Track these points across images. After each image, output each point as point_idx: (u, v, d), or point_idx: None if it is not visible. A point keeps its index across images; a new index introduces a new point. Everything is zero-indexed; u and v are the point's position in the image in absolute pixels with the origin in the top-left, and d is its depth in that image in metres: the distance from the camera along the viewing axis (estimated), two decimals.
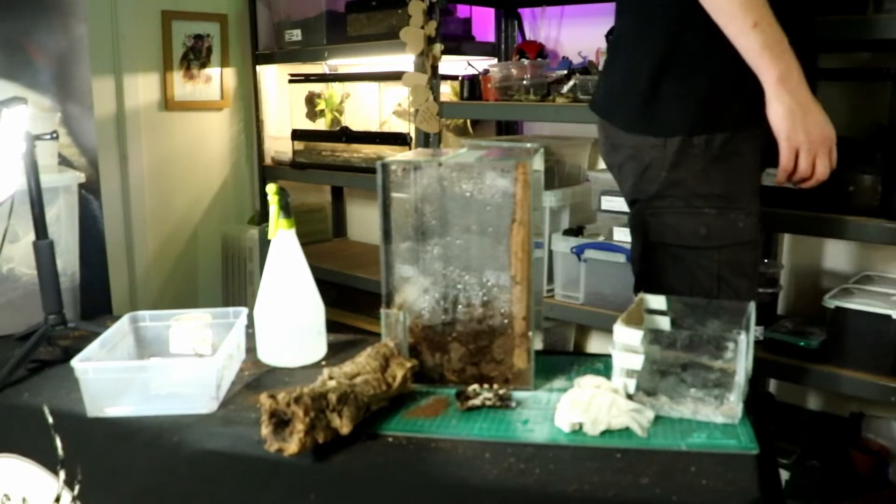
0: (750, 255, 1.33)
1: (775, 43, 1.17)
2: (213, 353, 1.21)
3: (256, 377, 1.25)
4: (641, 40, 1.32)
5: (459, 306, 1.17)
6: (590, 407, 1.02)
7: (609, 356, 1.08)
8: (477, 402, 1.10)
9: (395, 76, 2.55)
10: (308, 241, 2.03)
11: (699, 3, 1.20)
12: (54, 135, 1.50)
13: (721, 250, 1.31)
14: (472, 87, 2.46)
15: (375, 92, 2.94)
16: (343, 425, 0.97)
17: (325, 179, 3.04)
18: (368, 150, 2.82)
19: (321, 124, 3.11)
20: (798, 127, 1.20)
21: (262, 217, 3.16)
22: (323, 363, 1.30)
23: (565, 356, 1.29)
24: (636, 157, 1.35)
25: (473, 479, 0.93)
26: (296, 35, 2.93)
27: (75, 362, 1.11)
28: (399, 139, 2.67)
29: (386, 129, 2.91)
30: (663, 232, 1.35)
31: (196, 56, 2.98)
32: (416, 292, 1.18)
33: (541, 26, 2.60)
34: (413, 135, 2.57)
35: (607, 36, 2.23)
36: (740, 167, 1.31)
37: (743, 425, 1.01)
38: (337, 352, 1.34)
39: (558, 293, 2.24)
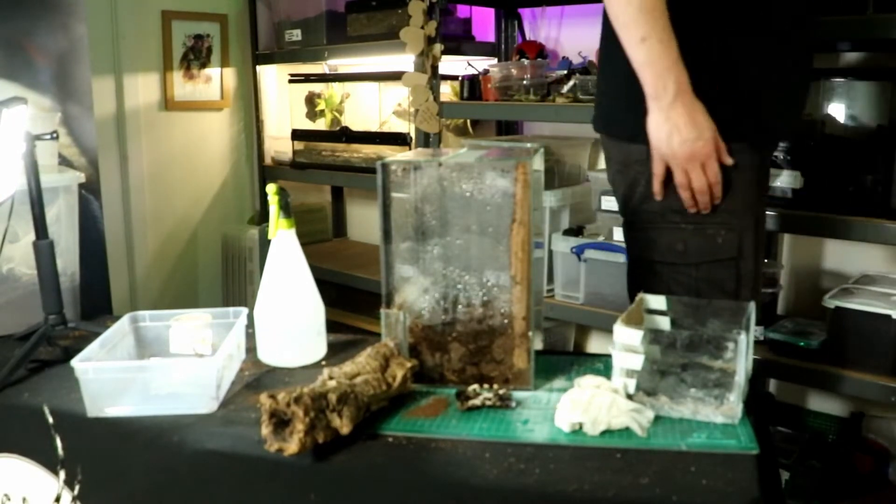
0: (729, 271, 1.32)
1: (658, 60, 1.19)
2: (213, 353, 1.21)
3: (256, 377, 1.25)
4: (619, 49, 1.28)
5: (459, 306, 1.17)
6: (590, 407, 1.02)
7: (609, 356, 1.08)
8: (477, 402, 1.10)
9: (395, 76, 2.55)
10: (308, 241, 2.03)
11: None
12: (54, 135, 1.50)
13: (699, 267, 1.31)
14: (472, 87, 2.46)
15: (375, 92, 2.94)
16: (343, 425, 0.97)
17: (325, 179, 3.04)
18: (368, 150, 2.82)
19: (321, 124, 3.11)
20: (663, 143, 1.23)
21: (262, 217, 3.16)
22: (323, 363, 1.30)
23: (565, 356, 1.29)
24: (623, 171, 1.37)
25: (473, 479, 0.93)
26: (296, 35, 2.93)
27: (75, 362, 1.11)
28: (399, 139, 2.67)
29: (386, 129, 2.91)
30: (644, 246, 1.36)
31: (196, 56, 2.98)
32: (416, 292, 1.18)
33: (541, 26, 2.60)
34: (413, 135, 2.57)
35: None
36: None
37: (743, 425, 1.01)
38: (337, 352, 1.34)
39: (558, 293, 2.24)
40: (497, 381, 1.16)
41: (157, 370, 1.17)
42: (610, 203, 2.09)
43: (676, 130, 1.21)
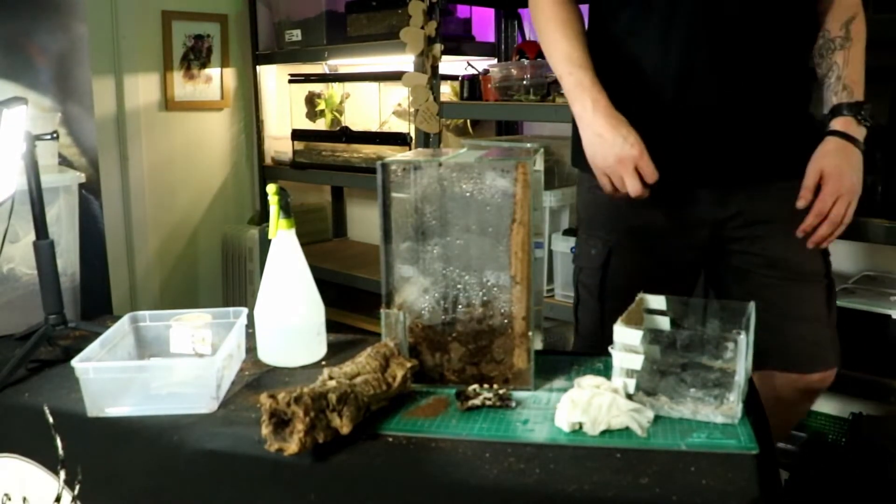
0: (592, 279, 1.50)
1: (575, 87, 1.35)
2: (213, 353, 1.21)
3: (256, 377, 1.25)
4: None
5: (459, 306, 1.17)
6: (590, 407, 1.02)
7: (609, 356, 1.08)
8: (477, 402, 1.10)
9: (395, 76, 2.55)
10: (308, 241, 2.03)
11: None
12: (55, 135, 1.50)
13: (581, 270, 1.55)
14: (472, 87, 2.46)
15: (375, 92, 2.94)
16: (343, 425, 0.97)
17: (325, 179, 3.04)
18: (368, 150, 2.82)
19: (321, 124, 3.11)
20: (596, 153, 1.33)
21: (262, 217, 3.16)
22: (323, 363, 1.30)
23: (565, 356, 1.29)
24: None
25: (473, 479, 0.93)
26: (296, 35, 2.93)
27: (76, 362, 1.11)
28: (399, 139, 2.68)
29: (386, 129, 2.92)
30: None
31: (196, 56, 2.98)
32: (416, 292, 1.18)
33: None
34: (413, 135, 2.57)
35: None
36: (593, 200, 1.50)
37: (743, 425, 1.01)
38: (337, 352, 1.34)
39: (558, 293, 2.24)
40: (497, 381, 1.16)
41: (157, 370, 1.17)
42: None
43: (600, 139, 1.31)
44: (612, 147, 1.30)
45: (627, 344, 1.05)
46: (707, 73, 1.34)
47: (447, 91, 2.64)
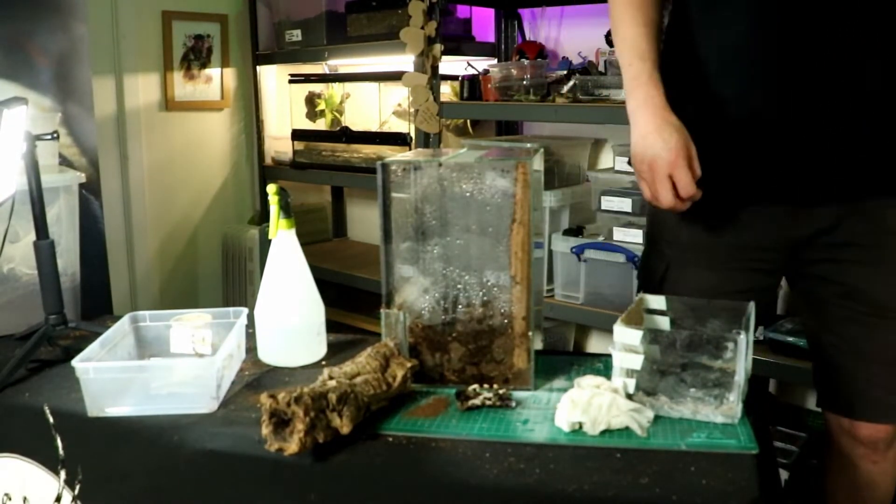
0: None
1: (632, 80, 1.22)
2: (213, 353, 1.21)
3: (256, 377, 1.25)
4: None
5: (459, 306, 1.17)
6: (590, 407, 1.02)
7: (609, 356, 1.08)
8: (477, 402, 1.10)
9: (395, 76, 2.55)
10: (308, 241, 2.03)
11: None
12: (55, 135, 1.50)
13: (640, 288, 1.38)
14: (472, 87, 2.46)
15: (375, 92, 2.94)
16: (343, 425, 0.97)
17: (325, 179, 3.04)
18: (368, 150, 2.82)
19: (321, 124, 3.11)
20: (635, 155, 1.22)
21: (262, 217, 3.16)
22: (323, 363, 1.30)
23: (565, 356, 1.29)
24: None
25: (473, 479, 0.93)
26: (296, 35, 2.93)
27: (76, 362, 1.11)
28: (399, 139, 2.67)
29: (386, 129, 2.91)
30: None
31: (196, 56, 2.98)
32: (416, 292, 1.18)
33: (541, 26, 2.60)
34: (413, 135, 2.57)
35: (607, 36, 2.23)
36: (655, 210, 1.31)
37: (743, 425, 1.01)
38: (337, 352, 1.34)
39: (558, 293, 2.24)
40: (497, 381, 1.16)
41: (157, 370, 1.17)
42: (610, 203, 2.10)
43: (643, 140, 1.19)
44: (649, 149, 1.18)
45: (627, 344, 1.05)
46: (802, 67, 1.15)
47: (447, 91, 2.64)
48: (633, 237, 2.07)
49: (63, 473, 1.13)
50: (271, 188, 1.26)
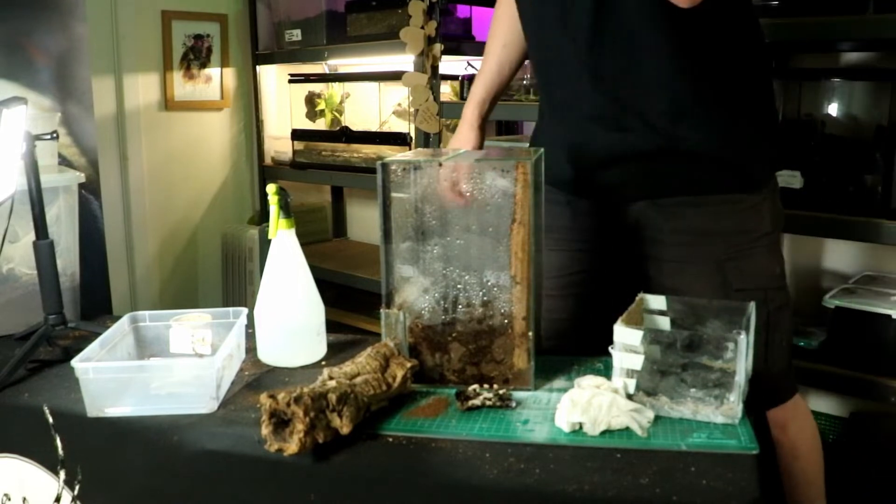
0: None
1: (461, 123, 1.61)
2: (213, 353, 1.21)
3: (256, 377, 1.25)
4: None
5: (459, 306, 1.17)
6: (590, 407, 1.01)
7: (609, 356, 1.08)
8: (477, 402, 1.09)
9: (395, 76, 2.55)
10: (308, 241, 2.03)
11: None
12: (54, 135, 1.50)
13: None
14: None
15: (375, 92, 2.94)
16: (343, 425, 0.97)
17: (325, 179, 3.04)
18: (368, 150, 2.82)
19: (321, 124, 3.11)
20: None
21: (262, 217, 3.16)
22: (323, 363, 1.30)
23: (565, 356, 1.29)
24: None
25: (473, 479, 0.93)
26: (296, 35, 2.93)
27: (75, 362, 1.11)
28: (399, 139, 2.67)
29: (386, 129, 2.92)
30: None
31: (196, 56, 2.98)
32: (416, 292, 1.18)
33: None
34: (413, 135, 2.57)
35: None
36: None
37: (743, 425, 1.01)
38: (337, 352, 1.34)
39: None
40: (497, 381, 1.16)
41: (157, 370, 1.17)
42: None
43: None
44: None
45: (627, 344, 1.05)
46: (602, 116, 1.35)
47: (447, 91, 2.64)
48: None
49: (62, 474, 1.13)
50: (271, 188, 1.26)
